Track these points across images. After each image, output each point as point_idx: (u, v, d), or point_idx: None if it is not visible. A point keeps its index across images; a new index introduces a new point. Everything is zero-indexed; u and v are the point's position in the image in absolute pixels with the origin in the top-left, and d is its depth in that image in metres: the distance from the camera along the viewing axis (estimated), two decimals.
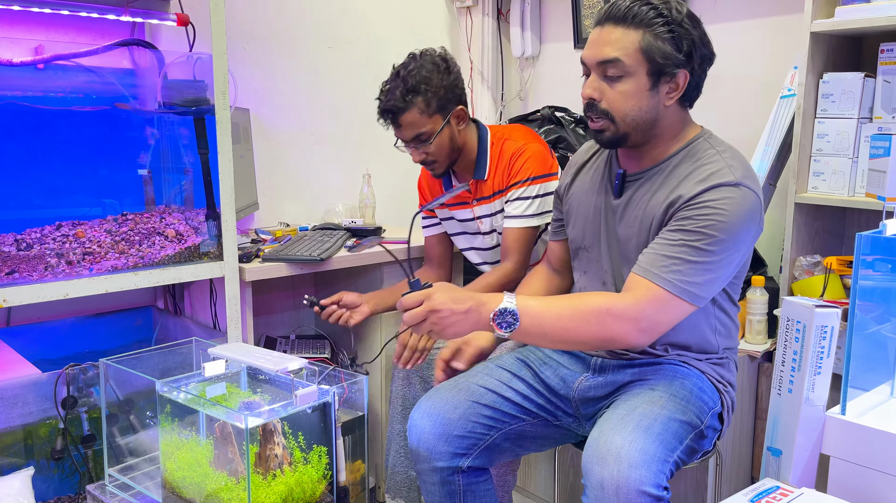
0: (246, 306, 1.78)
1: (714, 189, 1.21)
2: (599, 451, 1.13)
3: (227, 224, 1.68)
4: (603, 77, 1.27)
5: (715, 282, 1.23)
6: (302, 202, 2.41)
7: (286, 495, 1.17)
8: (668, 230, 1.24)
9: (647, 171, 1.33)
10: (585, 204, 1.44)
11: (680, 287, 1.20)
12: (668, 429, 1.17)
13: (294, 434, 1.21)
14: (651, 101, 1.26)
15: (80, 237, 1.62)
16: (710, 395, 1.32)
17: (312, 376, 1.29)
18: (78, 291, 1.49)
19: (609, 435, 1.14)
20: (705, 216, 1.20)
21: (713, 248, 1.19)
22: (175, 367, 1.52)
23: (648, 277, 1.21)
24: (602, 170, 1.44)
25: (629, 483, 1.08)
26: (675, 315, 1.22)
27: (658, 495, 1.09)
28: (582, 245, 1.44)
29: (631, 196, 1.34)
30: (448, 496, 1.40)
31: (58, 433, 1.50)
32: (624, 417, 1.18)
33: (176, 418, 1.24)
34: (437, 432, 1.38)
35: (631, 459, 1.10)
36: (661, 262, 1.21)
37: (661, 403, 1.22)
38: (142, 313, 2.05)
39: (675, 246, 1.21)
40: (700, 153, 1.29)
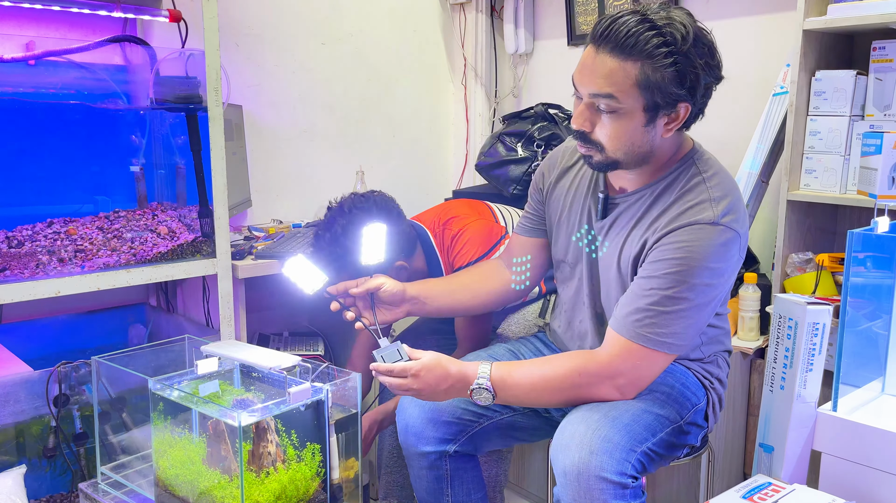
0: (239, 303, 1.78)
1: (688, 227, 1.16)
2: (564, 440, 1.14)
3: (219, 221, 1.67)
4: (594, 109, 1.18)
5: (693, 327, 1.19)
6: (295, 199, 2.41)
7: (279, 493, 1.16)
8: (641, 277, 1.20)
9: (631, 194, 1.27)
10: (568, 217, 1.39)
11: (656, 341, 1.16)
12: (638, 421, 1.17)
13: (287, 432, 1.21)
14: (647, 135, 1.18)
15: (72, 234, 1.61)
16: (695, 392, 1.31)
17: (306, 373, 1.29)
18: (70, 289, 1.48)
19: (575, 424, 1.15)
20: (678, 260, 1.15)
21: (686, 295, 1.15)
22: (168, 365, 1.51)
23: (623, 333, 1.19)
24: (588, 180, 1.36)
25: (589, 469, 1.09)
26: (657, 367, 1.20)
27: (621, 482, 1.09)
28: (565, 259, 1.42)
29: (615, 219, 1.29)
30: (435, 481, 1.41)
31: (50, 431, 1.49)
32: (593, 408, 1.19)
33: (169, 416, 1.24)
34: (426, 417, 1.40)
35: (592, 446, 1.10)
36: (636, 317, 1.18)
37: (637, 397, 1.22)
38: (135, 310, 2.04)
39: (647, 296, 1.17)
40: (685, 178, 1.22)
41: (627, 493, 1.10)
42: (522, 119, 2.28)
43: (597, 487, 1.08)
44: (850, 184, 1.71)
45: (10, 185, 1.69)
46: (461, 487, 1.44)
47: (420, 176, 2.74)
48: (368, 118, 2.57)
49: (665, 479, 1.79)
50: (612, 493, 1.08)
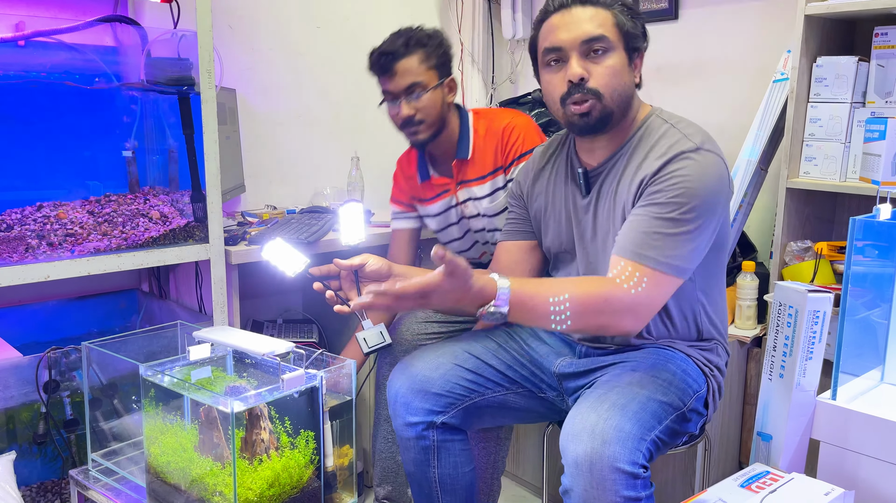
0: (232, 289, 1.76)
1: (675, 159, 1.23)
2: (574, 429, 1.13)
3: (212, 206, 1.65)
4: (587, 55, 1.27)
5: (696, 252, 1.23)
6: (289, 185, 2.38)
7: (272, 480, 1.15)
8: (639, 207, 1.25)
9: (608, 161, 1.34)
10: (555, 207, 1.43)
11: (665, 263, 1.20)
12: (645, 409, 1.16)
13: (281, 419, 1.19)
14: (629, 77, 1.29)
15: (62, 218, 1.58)
16: (696, 379, 1.31)
17: (300, 360, 1.28)
18: (59, 273, 1.46)
19: (585, 413, 1.14)
20: (674, 186, 1.21)
21: (688, 216, 1.20)
22: (160, 351, 1.50)
23: (632, 258, 1.21)
24: (563, 169, 1.43)
25: (603, 459, 1.07)
26: (665, 292, 1.22)
27: (633, 472, 1.08)
28: (561, 249, 1.44)
29: (598, 190, 1.35)
30: (422, 452, 1.41)
31: (40, 417, 1.47)
32: (601, 396, 1.18)
33: (160, 402, 1.22)
34: (415, 388, 1.39)
35: (605, 436, 1.09)
36: (640, 240, 1.21)
37: (641, 384, 1.21)
38: (126, 296, 2.02)
39: (650, 220, 1.22)
40: (654, 130, 1.30)
41: (638, 484, 1.09)
42: (520, 105, 2.26)
43: (610, 478, 1.07)
44: (850, 171, 1.70)
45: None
46: (448, 459, 1.42)
47: None
48: (364, 103, 2.53)
49: (661, 468, 1.79)
50: (624, 484, 1.07)
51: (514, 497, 2.10)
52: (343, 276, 1.36)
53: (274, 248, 1.33)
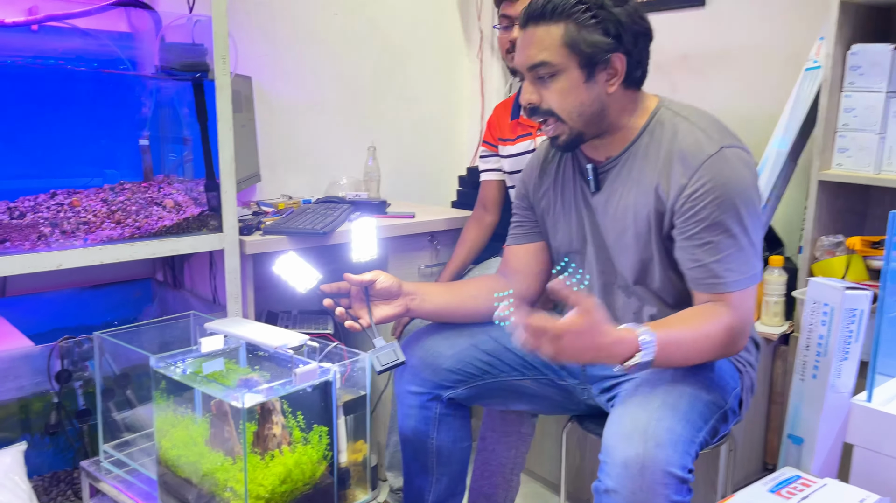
0: (247, 280, 1.73)
1: (702, 169, 1.17)
2: (624, 429, 1.08)
3: (226, 195, 1.62)
4: (536, 80, 1.23)
5: (760, 248, 1.21)
6: (305, 174, 2.35)
7: (285, 476, 1.12)
8: (690, 236, 1.19)
9: (618, 157, 1.29)
10: (562, 205, 1.39)
11: (746, 279, 1.18)
12: (694, 408, 1.13)
13: (294, 413, 1.17)
14: (590, 92, 1.22)
15: (76, 206, 1.56)
16: (731, 375, 1.27)
17: (313, 353, 1.24)
18: (72, 262, 1.44)
19: (634, 412, 1.10)
20: (714, 202, 1.16)
21: (743, 225, 1.17)
22: (173, 341, 1.47)
23: (720, 290, 1.18)
24: (570, 165, 1.39)
25: (655, 463, 1.03)
26: (754, 299, 1.22)
27: (683, 477, 1.04)
28: (571, 249, 1.39)
29: (611, 186, 1.30)
30: (423, 421, 1.39)
31: (52, 407, 1.46)
32: (648, 395, 1.13)
33: (171, 395, 1.20)
34: (426, 361, 1.38)
35: (658, 438, 1.05)
36: (716, 270, 1.18)
37: (685, 381, 1.17)
38: (141, 285, 2.00)
39: (711, 247, 1.18)
40: (667, 125, 1.24)
41: (685, 488, 1.05)
42: None
43: (661, 482, 1.03)
44: (885, 163, 1.63)
45: (13, 155, 1.64)
46: (448, 433, 1.41)
47: (432, 153, 2.67)
48: (381, 92, 2.50)
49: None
50: (674, 488, 1.03)
51: (530, 493, 2.06)
52: (353, 293, 1.34)
53: (286, 262, 1.31)
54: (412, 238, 2.00)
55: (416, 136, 2.61)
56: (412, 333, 1.49)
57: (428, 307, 1.39)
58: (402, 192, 2.50)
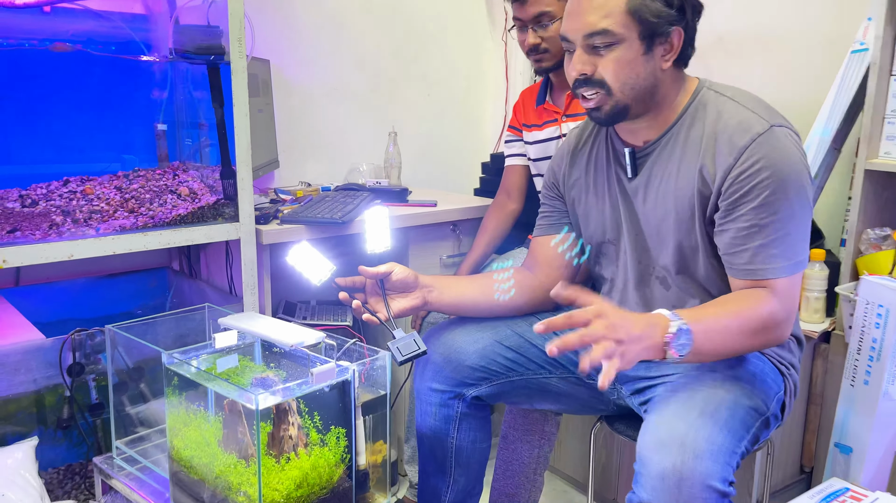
0: (263, 270, 1.68)
1: (751, 148, 1.11)
2: (660, 438, 1.01)
3: (243, 182, 1.57)
4: (590, 49, 1.15)
5: (808, 233, 1.15)
6: (324, 161, 2.29)
7: (300, 480, 1.07)
8: (736, 218, 1.13)
9: (657, 141, 1.22)
10: (595, 194, 1.32)
11: (791, 265, 1.12)
12: (734, 416, 1.06)
13: (310, 413, 1.11)
14: (647, 66, 1.15)
15: (89, 194, 1.52)
16: (774, 379, 1.20)
17: (331, 350, 1.19)
18: (83, 252, 1.39)
19: (671, 420, 1.03)
20: (762, 183, 1.10)
21: (791, 209, 1.10)
22: (187, 334, 1.43)
23: (761, 276, 1.12)
24: (604, 151, 1.31)
25: (694, 475, 0.97)
26: (799, 288, 1.16)
27: (724, 491, 0.98)
28: (604, 239, 1.32)
29: (650, 172, 1.23)
30: (442, 420, 1.34)
31: (64, 401, 1.42)
32: (686, 401, 1.06)
33: (183, 392, 1.15)
34: (448, 356, 1.32)
35: (697, 449, 0.98)
36: (759, 256, 1.11)
37: (724, 386, 1.10)
38: (156, 275, 1.96)
39: (756, 231, 1.11)
40: (710, 106, 1.18)
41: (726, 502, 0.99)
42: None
43: (700, 496, 0.96)
44: None
45: (25, 141, 1.60)
46: (468, 433, 1.36)
47: (456, 138, 2.60)
48: (402, 76, 2.43)
49: None
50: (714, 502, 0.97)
51: (554, 491, 2.00)
52: (368, 286, 1.29)
53: (299, 253, 1.25)
54: (434, 227, 1.94)
55: (438, 121, 2.54)
56: (432, 328, 1.43)
57: (446, 299, 1.34)
58: (423, 179, 2.44)
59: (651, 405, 1.14)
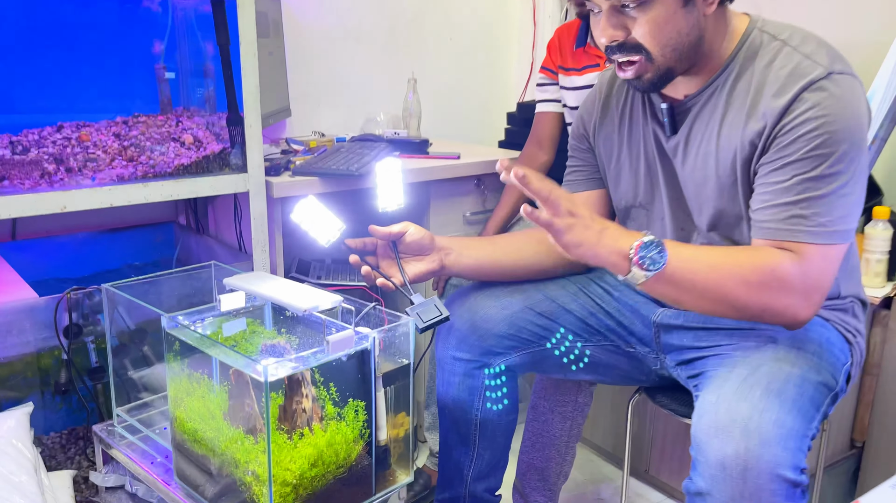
0: (275, 226, 1.56)
1: (803, 94, 0.97)
2: (720, 421, 0.89)
3: (251, 130, 1.43)
4: (619, 10, 1.00)
5: (857, 203, 0.99)
6: (339, 110, 2.15)
7: (315, 458, 0.96)
8: (775, 169, 0.99)
9: (700, 93, 1.08)
10: (630, 151, 1.18)
11: (826, 233, 0.96)
12: (803, 394, 0.93)
13: (326, 384, 1.00)
14: (688, 18, 1.01)
15: (85, 141, 1.40)
16: (840, 348, 1.08)
17: (349, 315, 1.07)
18: (77, 204, 1.28)
19: (731, 400, 0.91)
20: (811, 133, 0.96)
21: (838, 167, 0.96)
22: (192, 294, 1.32)
23: (785, 238, 0.97)
24: (638, 104, 1.17)
25: (761, 464, 0.85)
26: (834, 266, 0.98)
27: (796, 480, 0.86)
28: (635, 203, 1.19)
29: (690, 128, 1.09)
30: (466, 391, 1.23)
31: (61, 365, 1.32)
32: (747, 378, 0.94)
33: (185, 359, 1.04)
34: (474, 324, 1.21)
35: (763, 434, 0.87)
36: (789, 215, 0.97)
37: (789, 359, 0.98)
38: (162, 230, 1.85)
39: (792, 186, 0.97)
40: (762, 50, 1.03)
41: (798, 493, 0.87)
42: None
43: (768, 488, 0.85)
44: None
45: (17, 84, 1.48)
46: (494, 404, 1.26)
47: (479, 86, 2.44)
48: (422, 18, 2.26)
49: None
50: (784, 494, 0.86)
51: (581, 461, 1.90)
52: (380, 248, 1.17)
53: (305, 209, 1.12)
54: (456, 182, 1.81)
55: (460, 67, 2.38)
56: (455, 292, 1.31)
57: (465, 262, 1.21)
58: (444, 131, 2.29)
59: (705, 381, 1.02)
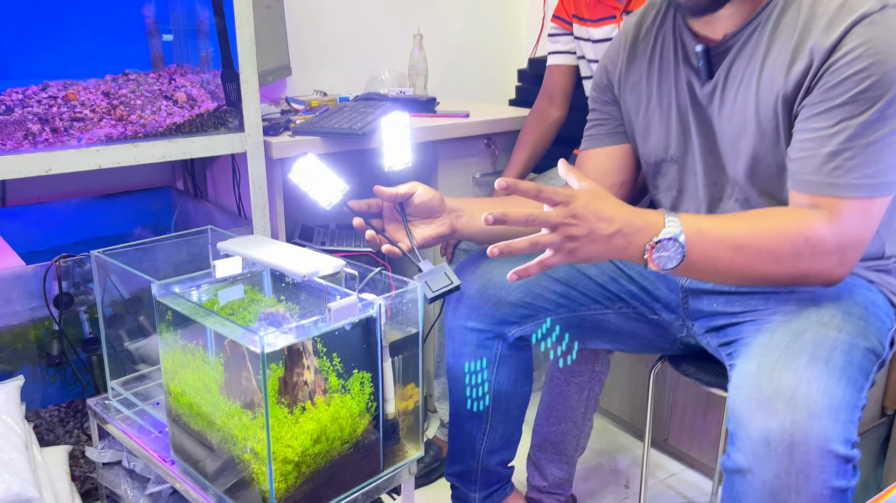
0: (275, 189, 1.48)
1: (853, 30, 0.89)
2: (762, 393, 0.82)
3: (247, 86, 1.35)
4: None
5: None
6: (342, 68, 2.05)
7: (318, 433, 0.90)
8: (818, 113, 0.90)
9: (739, 32, 0.99)
10: (660, 99, 1.09)
11: (870, 185, 0.88)
12: (852, 362, 0.86)
13: (329, 355, 0.93)
14: None
15: (72, 100, 1.31)
16: (886, 312, 1.00)
17: (353, 281, 1.00)
18: (63, 166, 1.20)
19: (774, 369, 0.84)
20: (861, 72, 0.87)
21: (889, 112, 0.88)
22: (189, 261, 1.25)
23: (824, 191, 0.89)
24: (670, 47, 1.07)
25: (810, 439, 0.78)
26: (874, 221, 0.91)
27: (847, 455, 0.79)
28: (667, 157, 1.11)
29: (728, 71, 1.00)
30: (478, 362, 1.17)
31: (53, 336, 1.26)
32: (790, 345, 0.87)
33: (178, 329, 0.97)
34: (487, 292, 1.14)
35: (812, 405, 0.79)
36: (829, 164, 0.89)
37: (835, 324, 0.90)
38: (159, 195, 1.78)
39: (836, 132, 0.88)
40: None
41: (849, 469, 0.80)
42: None
43: (818, 464, 0.78)
44: None
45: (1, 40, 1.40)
46: (508, 376, 1.20)
47: (488, 41, 2.33)
48: None
49: None
50: (834, 471, 0.79)
51: (597, 431, 1.84)
52: (386, 210, 1.09)
53: (305, 168, 1.04)
54: (465, 141, 1.72)
55: (469, 22, 2.27)
56: (466, 257, 1.24)
57: (477, 226, 1.13)
58: (452, 89, 2.19)
59: (741, 349, 0.95)
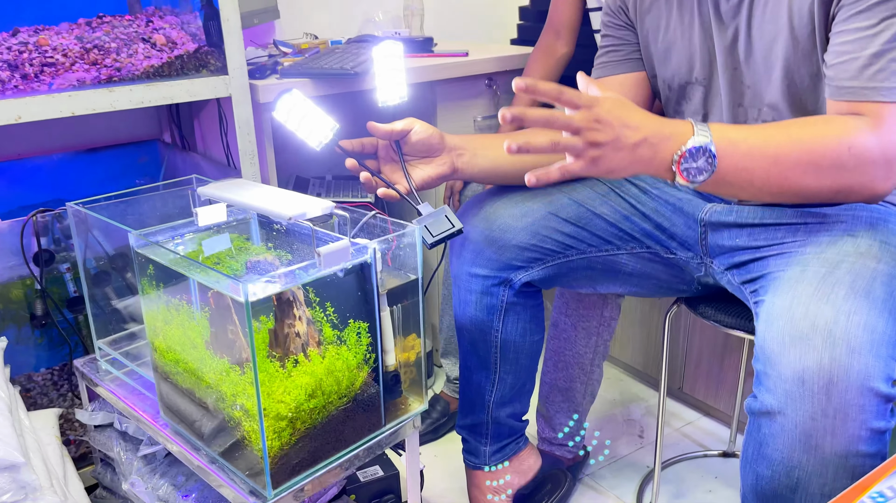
0: (264, 136, 1.40)
1: None
2: (797, 328, 0.76)
3: (228, 24, 1.26)
4: None
5: None
6: (334, 9, 1.95)
7: (313, 388, 0.84)
8: (855, 14, 0.82)
9: None
10: (681, 19, 1.00)
11: None
12: (893, 294, 0.79)
13: (322, 304, 0.87)
14: None
15: (43, 45, 1.23)
16: None
17: (345, 226, 0.93)
18: (34, 113, 1.12)
19: (810, 303, 0.77)
20: None
21: None
22: (175, 214, 1.17)
23: (865, 97, 0.81)
24: None
25: (850, 376, 0.72)
26: None
27: (889, 394, 0.73)
28: (691, 79, 1.03)
29: None
30: (486, 310, 1.11)
31: (35, 295, 1.20)
32: (826, 277, 0.80)
33: (160, 283, 0.90)
34: (491, 235, 1.07)
35: (851, 340, 0.73)
36: (870, 68, 0.81)
37: (873, 254, 0.83)
38: (146, 148, 1.70)
39: (875, 34, 0.81)
40: None
41: (888, 411, 0.74)
42: None
43: (857, 403, 0.72)
44: None
45: None
46: (516, 325, 1.14)
47: None
48: None
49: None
50: (874, 411, 0.73)
51: (607, 379, 1.79)
52: (381, 150, 1.01)
53: (290, 105, 0.95)
54: (465, 82, 1.63)
55: None
56: (470, 199, 1.16)
57: (481, 164, 1.05)
58: (450, 30, 2.09)
59: (770, 284, 0.87)
